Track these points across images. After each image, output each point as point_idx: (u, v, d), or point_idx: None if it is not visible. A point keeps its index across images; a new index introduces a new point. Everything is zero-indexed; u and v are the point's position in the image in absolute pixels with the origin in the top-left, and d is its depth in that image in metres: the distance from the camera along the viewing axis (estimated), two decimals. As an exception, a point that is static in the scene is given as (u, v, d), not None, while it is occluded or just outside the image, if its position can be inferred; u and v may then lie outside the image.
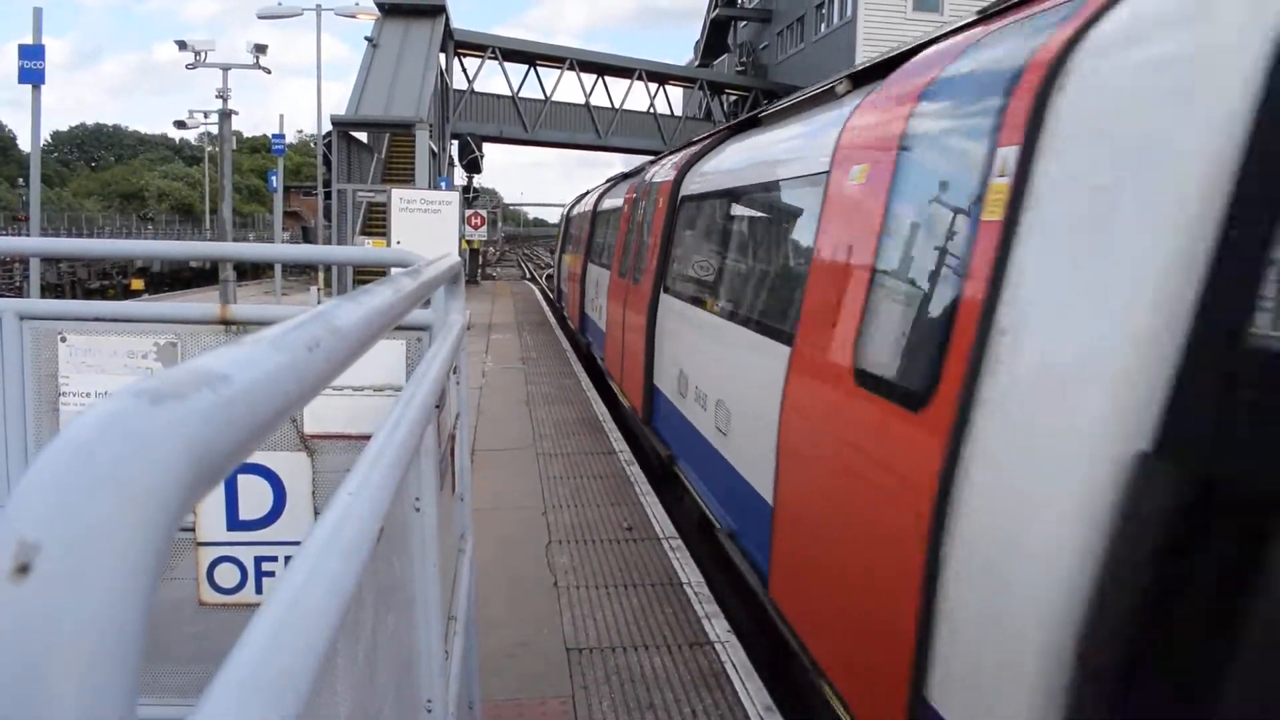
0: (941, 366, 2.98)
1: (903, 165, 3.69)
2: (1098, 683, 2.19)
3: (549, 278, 31.60)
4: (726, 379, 6.02)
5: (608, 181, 19.22)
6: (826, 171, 4.55)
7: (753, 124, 7.91)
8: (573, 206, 25.20)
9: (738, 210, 6.82)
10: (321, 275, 25.64)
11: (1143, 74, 2.49)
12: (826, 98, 5.68)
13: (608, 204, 15.53)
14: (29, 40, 11.69)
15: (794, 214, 5.45)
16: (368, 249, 12.64)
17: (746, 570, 5.22)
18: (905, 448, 3.17)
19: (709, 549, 6.57)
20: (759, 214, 6.38)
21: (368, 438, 3.10)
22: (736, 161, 7.33)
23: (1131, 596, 2.12)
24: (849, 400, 3.72)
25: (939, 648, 2.81)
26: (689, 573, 6.15)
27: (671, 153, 11.55)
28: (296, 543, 3.33)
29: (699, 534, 6.87)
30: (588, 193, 22.83)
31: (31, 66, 11.51)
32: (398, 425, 1.33)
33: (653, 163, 12.68)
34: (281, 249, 7.58)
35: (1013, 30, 3.34)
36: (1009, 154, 2.89)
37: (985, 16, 3.87)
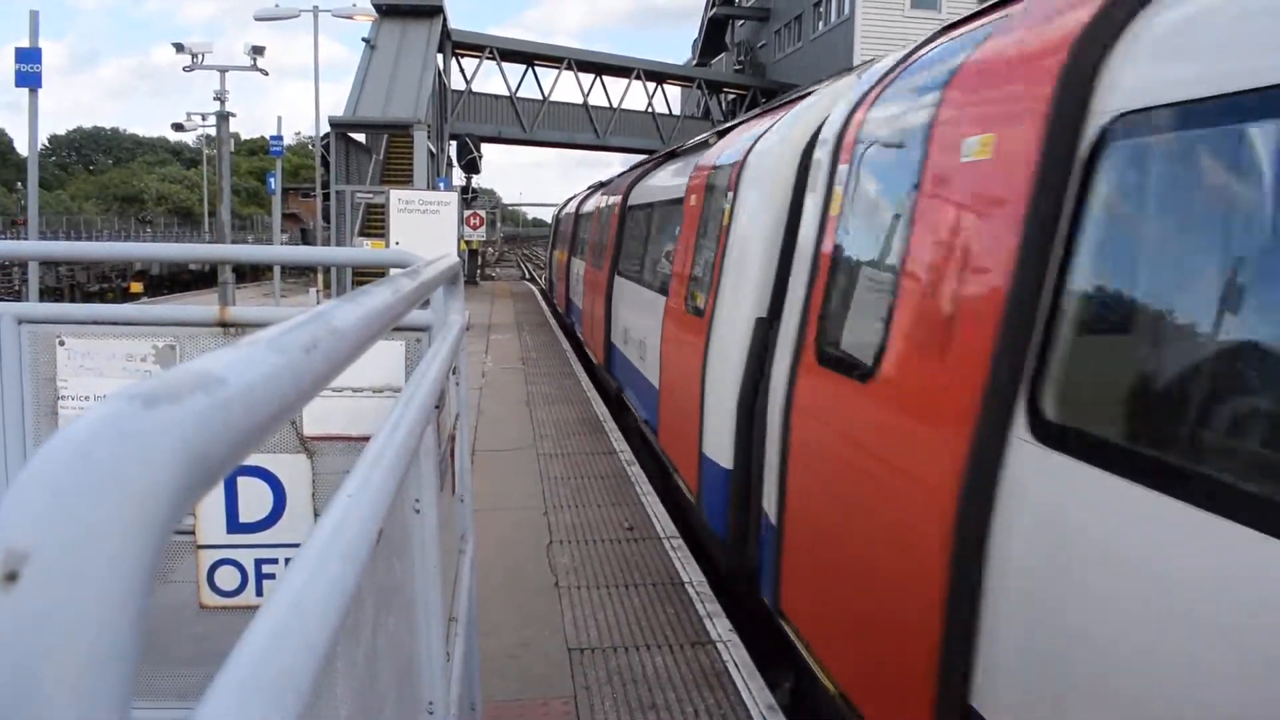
0: (713, 297, 6.24)
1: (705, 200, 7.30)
2: None
3: (548, 279, 31.84)
4: (641, 325, 9.64)
5: (587, 189, 23.10)
6: (682, 198, 8.24)
7: (673, 155, 11.66)
8: (560, 210, 30.24)
9: (651, 216, 10.62)
10: (321, 277, 25.64)
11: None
12: (703, 146, 8.97)
13: (583, 208, 19.48)
14: (25, 43, 11.71)
15: (674, 220, 8.72)
16: (366, 250, 12.61)
17: (651, 437, 8.69)
18: (698, 336, 6.40)
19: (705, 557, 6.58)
20: (659, 219, 10.04)
21: (367, 439, 3.10)
22: (652, 183, 11.39)
23: None
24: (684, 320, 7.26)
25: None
26: (690, 572, 6.15)
27: (634, 168, 15.39)
28: (297, 545, 3.33)
29: (642, 446, 9.51)
30: (571, 199, 27.06)
31: (28, 70, 11.49)
32: (397, 427, 1.32)
33: (621, 175, 16.58)
34: (279, 251, 7.57)
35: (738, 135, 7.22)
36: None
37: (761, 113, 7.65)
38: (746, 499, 5.38)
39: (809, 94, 6.06)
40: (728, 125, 8.26)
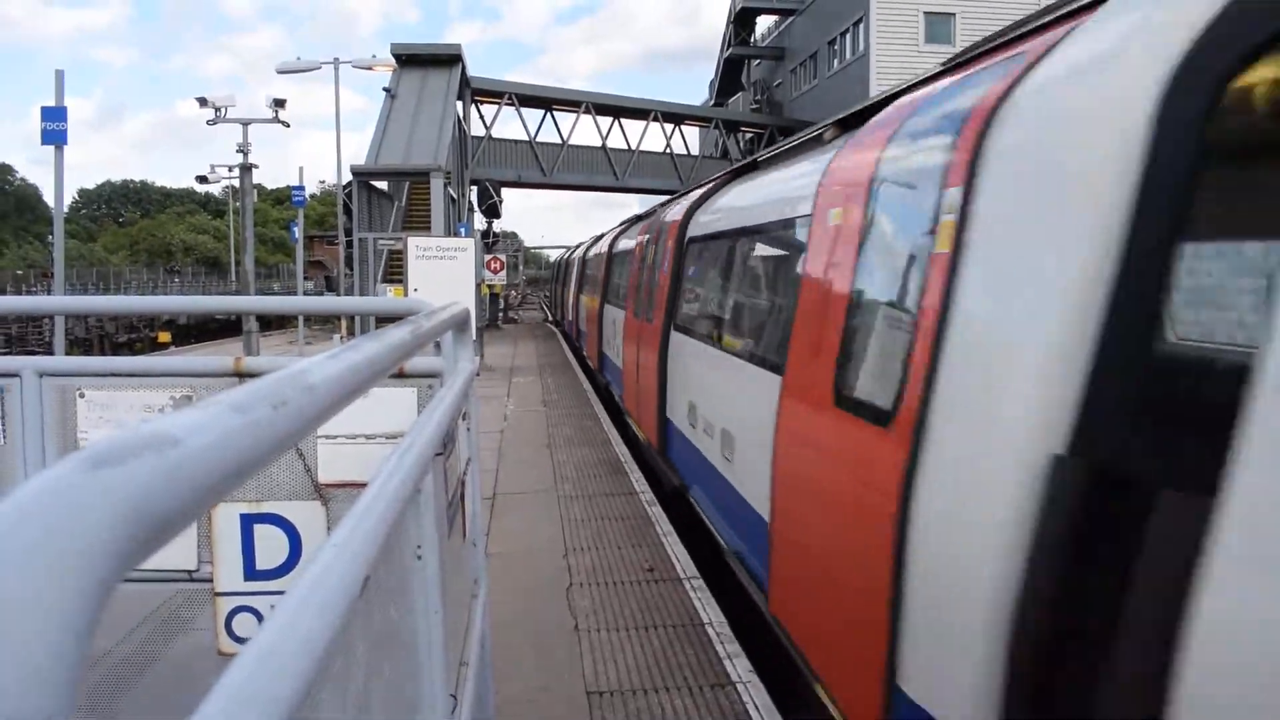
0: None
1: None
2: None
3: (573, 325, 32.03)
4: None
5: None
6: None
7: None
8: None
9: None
10: (344, 324, 25.88)
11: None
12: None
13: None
14: (52, 101, 11.99)
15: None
16: (378, 299, 12.70)
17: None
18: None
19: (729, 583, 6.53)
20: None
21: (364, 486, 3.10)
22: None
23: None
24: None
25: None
26: (710, 612, 6.12)
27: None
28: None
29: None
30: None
31: (54, 128, 11.76)
32: (391, 476, 1.34)
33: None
34: (296, 301, 7.68)
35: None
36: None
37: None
38: None
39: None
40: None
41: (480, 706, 2.74)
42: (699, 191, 9.76)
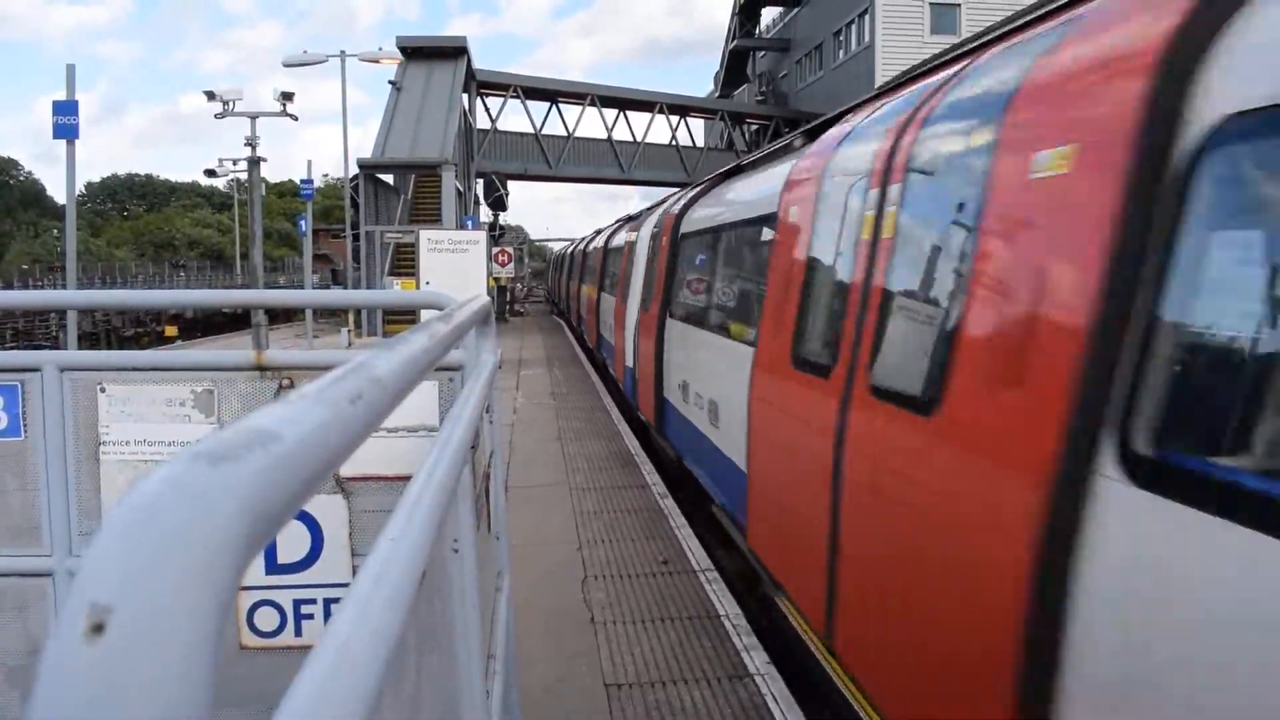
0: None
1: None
2: None
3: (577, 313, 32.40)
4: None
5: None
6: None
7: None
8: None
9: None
10: (352, 317, 25.92)
11: None
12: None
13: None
14: (57, 95, 12.00)
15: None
16: (399, 292, 12.72)
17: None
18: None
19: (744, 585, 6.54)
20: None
21: (402, 478, 3.11)
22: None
23: None
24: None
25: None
26: (726, 605, 6.12)
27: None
28: (334, 585, 3.36)
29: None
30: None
31: (65, 122, 11.74)
32: (435, 469, 1.34)
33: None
34: (314, 295, 7.66)
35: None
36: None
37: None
38: None
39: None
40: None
41: (508, 699, 2.74)
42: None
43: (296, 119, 21.60)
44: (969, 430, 3.10)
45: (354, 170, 29.97)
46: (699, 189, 10.67)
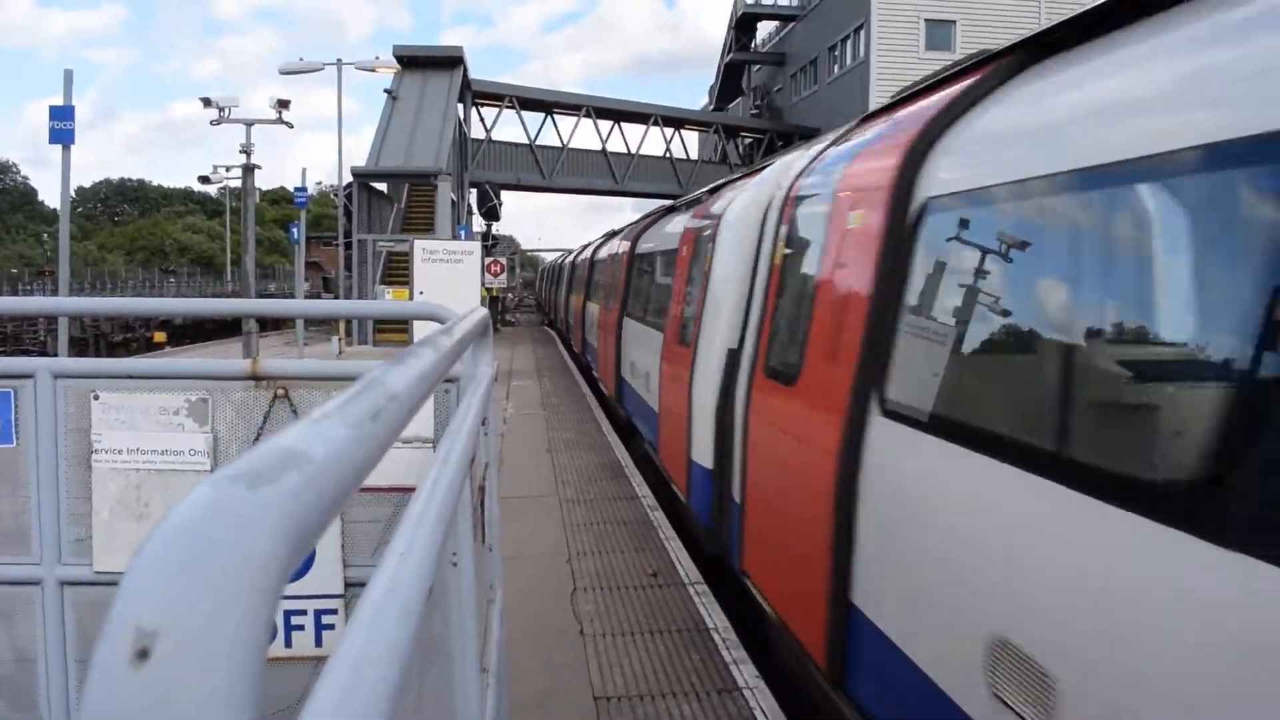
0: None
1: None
2: None
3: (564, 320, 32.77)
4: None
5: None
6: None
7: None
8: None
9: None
10: (342, 326, 25.84)
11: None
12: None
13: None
14: (49, 100, 11.94)
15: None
16: (400, 303, 12.67)
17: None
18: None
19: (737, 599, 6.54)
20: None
21: (395, 489, 3.10)
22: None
23: None
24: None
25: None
26: (715, 618, 6.11)
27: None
28: (325, 596, 3.35)
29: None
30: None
31: (61, 127, 11.69)
32: (437, 484, 1.34)
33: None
34: (311, 305, 7.67)
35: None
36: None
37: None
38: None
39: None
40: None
41: (500, 713, 2.73)
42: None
43: (292, 126, 21.61)
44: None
45: (347, 179, 29.96)
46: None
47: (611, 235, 20.98)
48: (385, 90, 32.91)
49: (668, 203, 14.45)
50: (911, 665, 3.44)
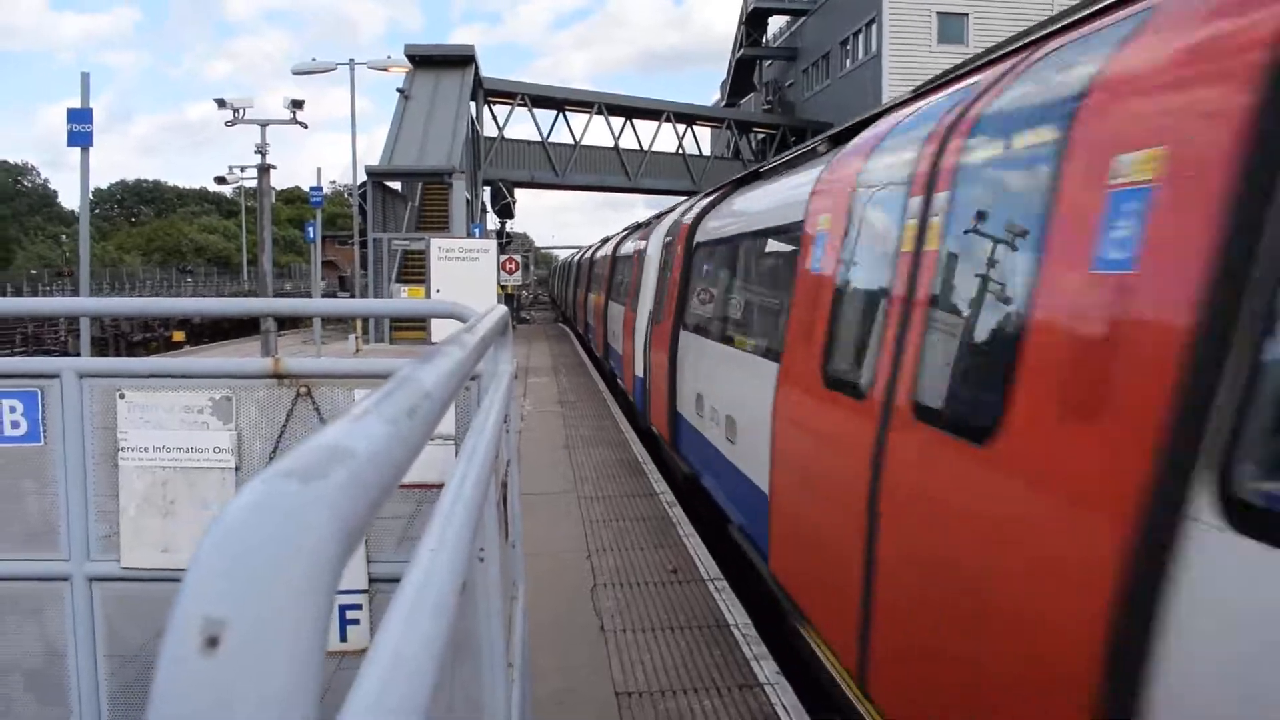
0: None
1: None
2: None
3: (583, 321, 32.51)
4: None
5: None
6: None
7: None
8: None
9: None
10: (359, 324, 25.95)
11: None
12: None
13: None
14: (65, 102, 12.04)
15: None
16: (417, 300, 12.71)
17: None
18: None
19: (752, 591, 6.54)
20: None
21: (416, 486, 3.11)
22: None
23: None
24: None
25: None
26: (735, 614, 6.12)
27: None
28: (349, 591, 3.37)
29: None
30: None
31: (80, 129, 11.78)
32: (465, 480, 1.35)
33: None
34: (332, 304, 7.70)
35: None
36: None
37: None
38: None
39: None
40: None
41: (524, 708, 2.74)
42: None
43: (306, 126, 21.69)
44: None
45: (362, 178, 30.05)
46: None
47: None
48: (398, 89, 33.00)
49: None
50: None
